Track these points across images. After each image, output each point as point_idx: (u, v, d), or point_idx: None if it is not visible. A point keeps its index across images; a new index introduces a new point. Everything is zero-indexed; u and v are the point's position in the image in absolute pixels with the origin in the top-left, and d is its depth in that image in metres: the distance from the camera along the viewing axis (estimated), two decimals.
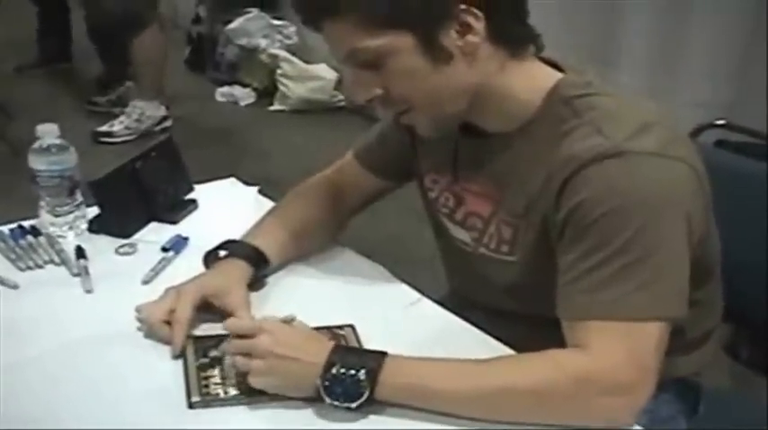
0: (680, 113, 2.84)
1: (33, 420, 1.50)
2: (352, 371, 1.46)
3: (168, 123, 5.43)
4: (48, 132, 2.06)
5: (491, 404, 1.47)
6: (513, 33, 1.63)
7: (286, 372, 1.51)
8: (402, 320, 1.77)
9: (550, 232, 1.59)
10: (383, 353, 1.50)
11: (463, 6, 1.55)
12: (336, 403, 1.47)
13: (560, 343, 1.52)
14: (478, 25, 1.56)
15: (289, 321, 1.59)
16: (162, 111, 5.43)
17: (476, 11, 1.55)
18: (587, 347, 1.47)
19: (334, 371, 1.47)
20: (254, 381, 1.52)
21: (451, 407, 1.48)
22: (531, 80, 1.65)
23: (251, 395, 1.53)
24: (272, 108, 5.96)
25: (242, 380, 1.55)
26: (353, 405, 1.47)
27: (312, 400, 1.50)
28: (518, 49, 1.64)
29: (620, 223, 1.48)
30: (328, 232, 2.02)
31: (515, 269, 1.70)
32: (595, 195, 1.50)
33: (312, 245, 1.99)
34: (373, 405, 1.48)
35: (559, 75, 1.66)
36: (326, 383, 1.47)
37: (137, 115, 5.35)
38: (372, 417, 1.49)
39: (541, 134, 1.61)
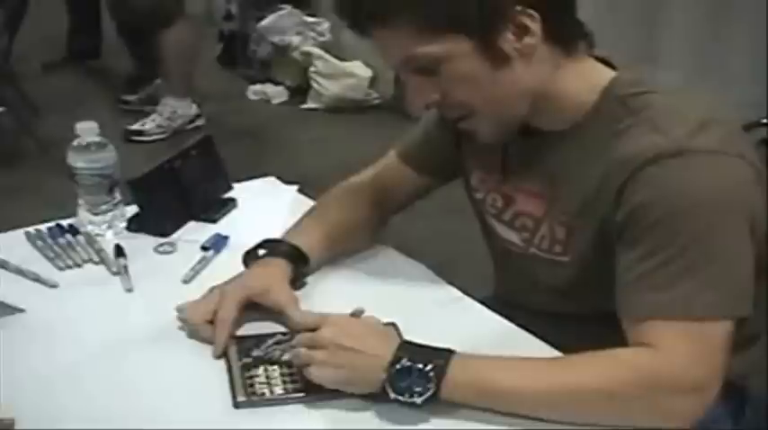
0: None
1: (72, 420, 1.49)
2: (420, 365, 1.45)
3: (200, 122, 5.42)
4: (87, 130, 2.05)
5: (560, 403, 1.46)
6: (568, 31, 1.62)
7: (349, 364, 1.50)
8: (445, 320, 1.75)
9: (609, 232, 1.57)
10: (451, 351, 1.49)
11: (519, 8, 1.53)
12: (401, 398, 1.46)
13: (608, 344, 1.50)
14: (534, 26, 1.55)
15: (357, 314, 1.58)
16: (194, 110, 5.43)
17: (531, 11, 1.54)
18: (655, 346, 1.46)
19: (398, 366, 1.45)
20: (316, 373, 1.50)
21: (519, 406, 1.47)
22: (585, 78, 1.64)
23: (299, 392, 1.53)
24: (305, 106, 5.94)
25: (294, 378, 1.55)
26: (419, 400, 1.45)
27: (364, 399, 1.50)
28: (572, 47, 1.62)
29: (684, 223, 1.47)
30: (369, 231, 2.01)
31: (568, 269, 1.69)
32: (658, 195, 1.49)
33: (353, 244, 1.97)
34: (437, 405, 1.47)
35: (612, 72, 1.65)
36: (392, 377, 1.46)
37: (168, 113, 5.34)
38: (434, 421, 1.48)
39: (596, 133, 1.60)
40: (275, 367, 1.58)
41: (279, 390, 1.54)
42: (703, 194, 1.48)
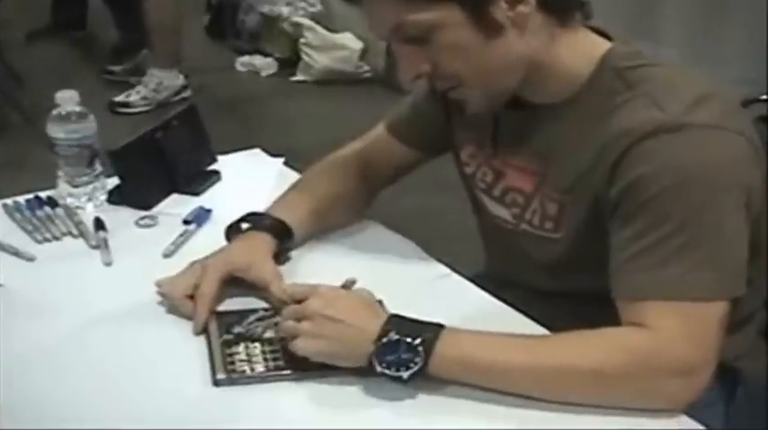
0: None
1: (48, 396, 1.47)
2: (408, 339, 1.42)
3: (187, 93, 5.35)
4: (67, 99, 2.03)
5: (550, 382, 1.44)
6: (563, 1, 1.58)
7: (336, 337, 1.47)
8: (432, 297, 1.72)
9: (602, 209, 1.55)
10: (440, 325, 1.46)
11: None
12: (387, 372, 1.43)
13: (602, 324, 1.48)
14: None
15: (349, 285, 1.56)
16: (180, 81, 5.36)
17: None
18: (648, 327, 1.44)
19: (386, 339, 1.43)
20: (302, 345, 1.48)
21: (508, 384, 1.45)
22: (580, 50, 1.61)
23: (281, 370, 1.51)
24: (294, 78, 5.88)
25: (276, 356, 1.53)
26: (405, 374, 1.42)
27: (347, 379, 1.48)
28: (567, 17, 1.59)
29: (679, 200, 1.45)
30: (356, 206, 1.98)
31: (559, 246, 1.66)
32: (654, 171, 1.46)
33: (339, 218, 1.94)
34: (424, 381, 1.45)
35: (608, 44, 1.62)
36: (379, 350, 1.43)
37: (154, 85, 5.28)
38: (421, 397, 1.46)
39: (591, 106, 1.57)
40: (256, 344, 1.56)
41: (260, 368, 1.52)
42: (699, 170, 1.45)
